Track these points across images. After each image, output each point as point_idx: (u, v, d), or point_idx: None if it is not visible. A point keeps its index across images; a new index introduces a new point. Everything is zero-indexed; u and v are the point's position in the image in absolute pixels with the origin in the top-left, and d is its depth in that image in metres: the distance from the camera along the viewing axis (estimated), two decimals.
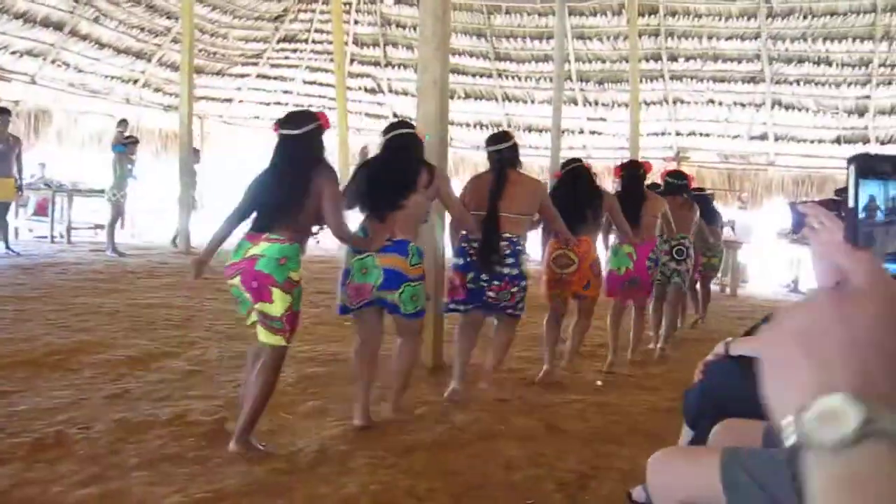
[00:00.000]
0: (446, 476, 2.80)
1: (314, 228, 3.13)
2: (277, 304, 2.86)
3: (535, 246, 4.67)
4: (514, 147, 4.04)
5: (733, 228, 11.24)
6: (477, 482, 2.77)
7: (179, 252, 10.32)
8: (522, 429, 3.44)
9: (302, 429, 3.21)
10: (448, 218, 3.91)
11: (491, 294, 3.81)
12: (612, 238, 5.12)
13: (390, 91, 17.09)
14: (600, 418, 3.71)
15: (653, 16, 14.31)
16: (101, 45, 13.56)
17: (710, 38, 14.25)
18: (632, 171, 5.13)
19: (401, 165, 3.39)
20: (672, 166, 15.19)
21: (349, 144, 15.06)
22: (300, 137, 3.05)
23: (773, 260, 12.84)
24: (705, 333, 6.42)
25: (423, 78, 4.55)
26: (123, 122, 11.11)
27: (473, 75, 16.27)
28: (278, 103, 17.41)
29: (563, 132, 13.14)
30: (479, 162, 17.47)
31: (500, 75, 16.28)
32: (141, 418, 3.14)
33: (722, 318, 7.82)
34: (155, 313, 5.72)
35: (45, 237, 11.18)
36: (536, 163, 16.05)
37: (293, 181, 2.97)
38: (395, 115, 17.31)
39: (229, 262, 2.96)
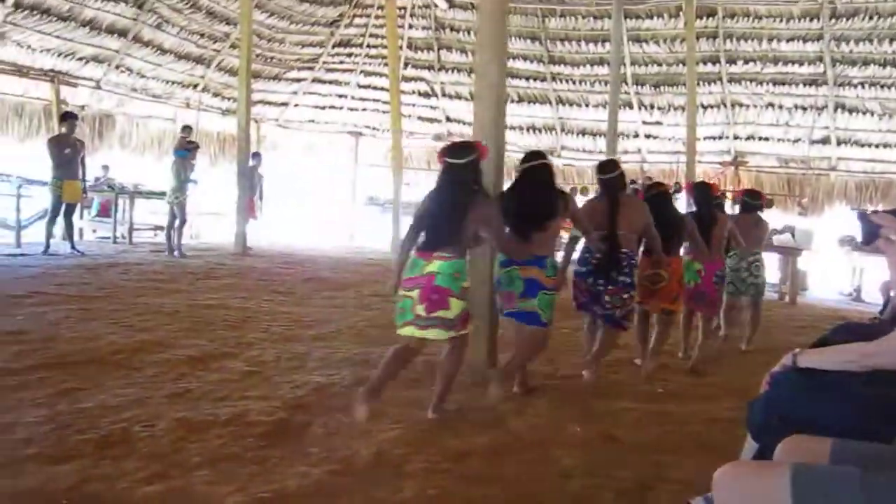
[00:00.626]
0: (501, 482, 2.79)
1: None
2: (454, 309, 3.42)
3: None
4: (623, 175, 4.71)
5: (793, 235, 10.96)
6: (532, 490, 2.75)
7: (237, 254, 10.52)
8: (578, 436, 3.41)
9: (359, 431, 3.23)
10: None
11: (607, 298, 4.46)
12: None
13: (444, 95, 17.16)
14: (657, 427, 3.65)
15: (711, 18, 14.08)
16: (163, 51, 13.93)
17: (770, 40, 13.94)
18: (705, 193, 5.59)
19: (544, 199, 3.99)
20: (726, 172, 14.91)
21: (402, 148, 15.16)
22: (462, 166, 3.56)
23: (833, 267, 12.48)
24: (765, 343, 6.26)
25: (479, 83, 4.55)
26: (187, 129, 11.47)
27: (527, 78, 16.23)
28: (333, 107, 17.66)
29: (618, 136, 12.98)
30: None
31: (554, 79, 16.21)
32: (201, 417, 3.20)
33: (781, 327, 7.62)
34: (213, 314, 5.83)
35: (108, 238, 11.50)
36: (590, 166, 15.94)
37: (457, 205, 3.48)
38: (447, 119, 17.40)
39: (406, 276, 3.49)
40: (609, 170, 4.66)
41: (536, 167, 4.09)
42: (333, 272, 8.03)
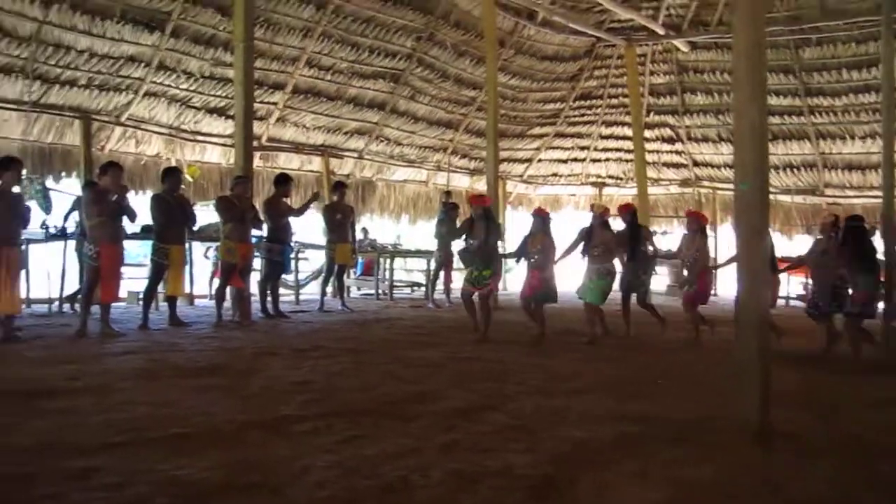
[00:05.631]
0: None
1: None
2: None
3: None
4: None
5: None
6: None
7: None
8: None
9: (626, 492, 3.13)
10: None
11: None
12: None
13: (689, 139, 16.61)
14: None
15: None
16: (416, 119, 15.04)
17: None
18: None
19: None
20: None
21: (648, 196, 14.86)
22: None
23: None
24: None
25: (738, 123, 4.34)
26: (447, 194, 12.41)
27: (781, 114, 15.22)
28: (575, 160, 17.81)
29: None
30: (791, 208, 16.17)
31: (812, 112, 15.05)
32: (472, 469, 3.29)
33: None
34: (471, 366, 6.04)
35: (371, 294, 12.44)
36: (859, 202, 14.54)
37: None
38: (694, 164, 16.79)
39: None
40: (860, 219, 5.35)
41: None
42: (579, 324, 8.00)
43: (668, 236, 15.26)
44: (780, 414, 4.11)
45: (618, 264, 8.02)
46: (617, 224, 8.67)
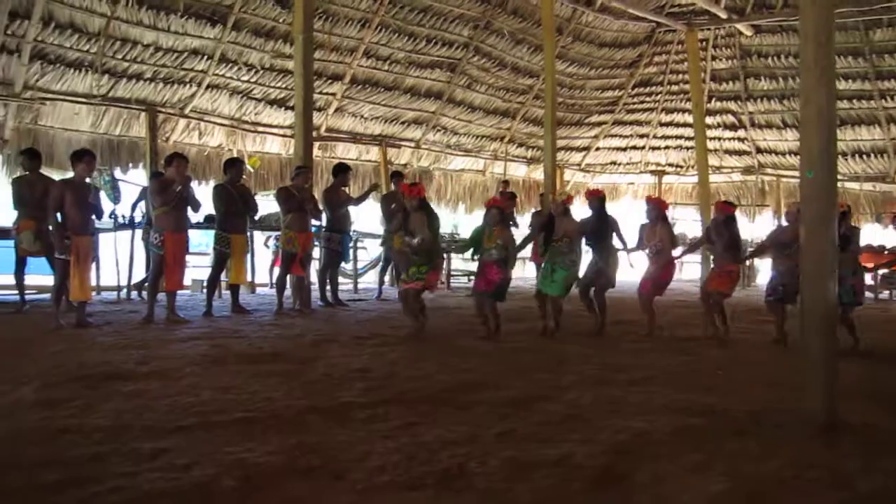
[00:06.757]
0: None
1: None
2: None
3: None
4: None
5: None
6: None
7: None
8: None
9: (686, 482, 3.10)
10: None
11: None
12: None
13: (752, 125, 16.20)
14: None
15: None
16: (473, 109, 15.02)
17: None
18: None
19: None
20: None
21: (709, 184, 14.58)
22: None
23: None
24: None
25: (805, 109, 4.21)
26: (505, 183, 12.42)
27: (850, 99, 14.73)
28: (634, 147, 17.55)
29: None
30: (860, 196, 15.64)
31: (882, 96, 14.53)
32: (529, 458, 3.30)
33: None
34: (528, 357, 6.05)
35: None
36: None
37: None
38: (758, 150, 16.38)
39: None
40: None
41: None
42: (639, 314, 7.88)
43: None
44: (846, 407, 4.01)
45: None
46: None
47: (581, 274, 7.48)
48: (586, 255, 7.55)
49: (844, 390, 4.09)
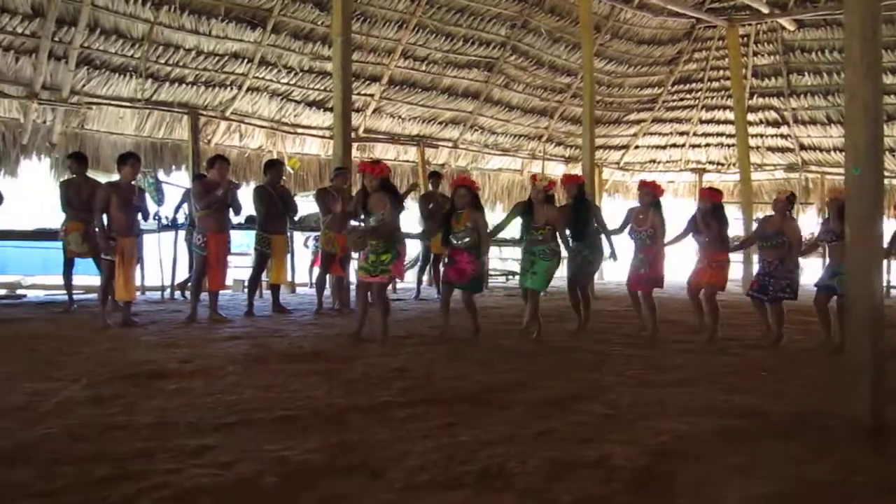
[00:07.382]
0: None
1: None
2: None
3: None
4: None
5: None
6: None
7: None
8: None
9: (728, 484, 3.06)
10: None
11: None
12: None
13: (796, 122, 15.89)
14: None
15: None
16: (511, 108, 14.99)
17: None
18: None
19: None
20: None
21: (751, 182, 14.36)
22: None
23: None
24: None
25: (851, 105, 4.13)
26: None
27: None
28: (674, 145, 17.34)
29: None
30: None
31: None
32: (568, 458, 3.28)
33: None
34: (567, 356, 6.02)
35: None
36: None
37: None
38: (801, 147, 16.07)
39: None
40: None
41: None
42: (681, 314, 7.79)
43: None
44: (894, 411, 3.92)
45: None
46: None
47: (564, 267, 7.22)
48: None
49: (893, 392, 4.00)
